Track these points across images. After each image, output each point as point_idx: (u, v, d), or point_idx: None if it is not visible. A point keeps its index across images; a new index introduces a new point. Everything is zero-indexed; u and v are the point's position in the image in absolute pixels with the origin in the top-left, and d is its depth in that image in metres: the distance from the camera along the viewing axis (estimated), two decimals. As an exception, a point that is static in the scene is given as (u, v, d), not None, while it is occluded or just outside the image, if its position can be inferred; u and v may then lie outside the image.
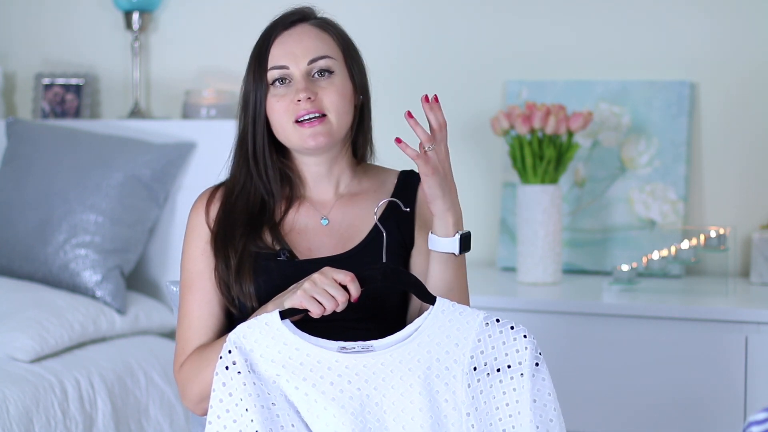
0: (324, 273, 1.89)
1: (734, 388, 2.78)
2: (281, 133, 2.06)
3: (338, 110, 2.05)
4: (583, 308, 2.92)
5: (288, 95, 2.04)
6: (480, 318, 1.88)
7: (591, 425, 2.89)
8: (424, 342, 1.87)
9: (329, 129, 2.04)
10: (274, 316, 1.87)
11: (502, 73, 3.44)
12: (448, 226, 1.98)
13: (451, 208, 1.97)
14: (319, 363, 1.85)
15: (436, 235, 1.98)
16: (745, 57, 3.26)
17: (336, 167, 2.11)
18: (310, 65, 2.05)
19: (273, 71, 2.05)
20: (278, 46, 2.06)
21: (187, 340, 2.05)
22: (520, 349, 1.87)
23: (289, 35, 2.07)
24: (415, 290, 1.92)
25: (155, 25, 3.70)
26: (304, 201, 2.10)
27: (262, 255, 2.03)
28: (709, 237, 3.04)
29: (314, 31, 2.08)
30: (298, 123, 2.03)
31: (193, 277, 2.06)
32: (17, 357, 2.93)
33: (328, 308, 1.88)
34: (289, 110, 2.03)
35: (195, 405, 2.02)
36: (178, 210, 3.47)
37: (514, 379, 1.86)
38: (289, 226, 2.08)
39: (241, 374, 1.83)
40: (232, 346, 1.85)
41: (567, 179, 3.33)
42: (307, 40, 2.06)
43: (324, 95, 2.04)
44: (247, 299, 2.02)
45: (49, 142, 3.43)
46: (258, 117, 2.07)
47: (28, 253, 3.30)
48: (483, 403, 1.85)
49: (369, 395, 1.84)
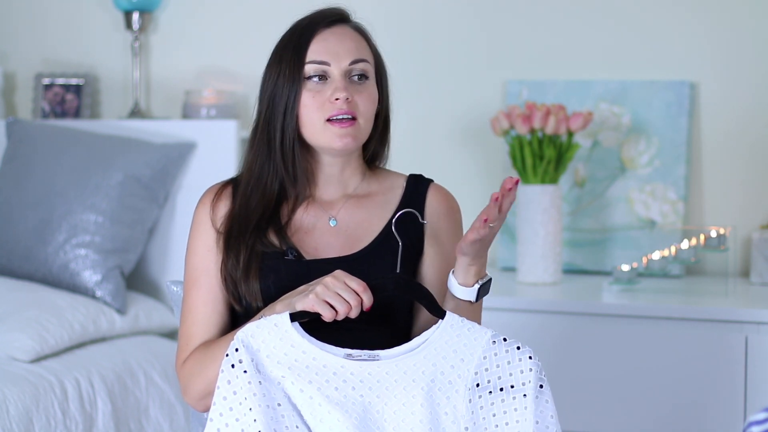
0: (337, 277, 1.89)
1: (734, 388, 2.78)
2: (309, 129, 2.04)
3: (368, 116, 2.05)
4: (583, 308, 2.92)
5: (324, 92, 2.02)
6: (488, 336, 1.88)
7: (591, 425, 2.89)
8: (431, 355, 1.87)
9: (357, 132, 2.03)
10: (284, 318, 1.86)
11: (502, 73, 3.44)
12: (469, 276, 1.95)
13: (479, 267, 1.95)
14: (324, 367, 1.85)
15: (456, 281, 1.96)
16: (745, 57, 3.26)
17: (348, 169, 2.10)
18: (351, 66, 2.04)
19: (311, 65, 2.03)
20: (319, 42, 2.04)
21: (191, 336, 2.04)
22: (524, 370, 1.86)
23: (331, 33, 2.05)
24: (425, 303, 1.92)
25: (155, 25, 3.70)
26: (312, 201, 2.10)
27: (269, 254, 2.02)
28: (709, 237, 3.04)
29: (354, 34, 2.08)
30: (329, 122, 2.02)
31: (198, 274, 2.05)
32: (17, 357, 2.93)
33: (341, 313, 1.87)
34: (324, 108, 2.02)
35: (197, 402, 2.01)
36: (178, 210, 3.47)
37: (516, 399, 1.86)
38: (296, 226, 2.07)
39: (247, 373, 1.83)
40: (239, 344, 1.84)
41: (567, 179, 3.33)
42: (349, 42, 2.05)
43: (359, 99, 2.03)
44: (253, 298, 2.01)
45: (49, 142, 3.43)
46: (289, 110, 2.03)
47: (28, 253, 3.30)
48: (482, 419, 1.85)
49: (371, 403, 1.84)
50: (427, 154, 3.46)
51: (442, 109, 3.48)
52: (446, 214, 2.11)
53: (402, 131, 3.53)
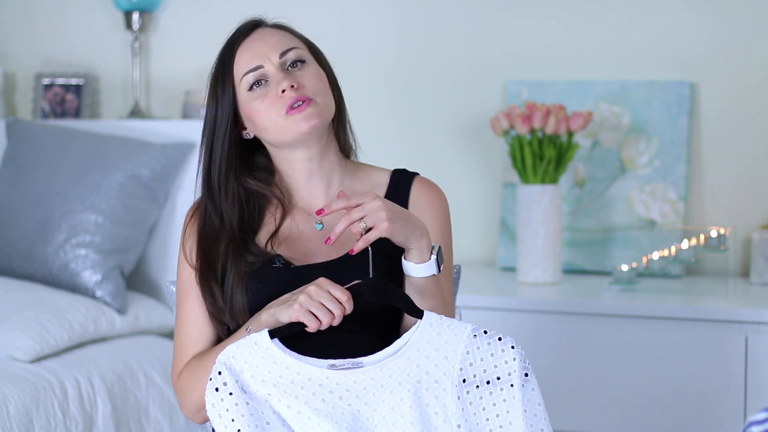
0: (320, 285, 1.88)
1: (734, 388, 2.79)
2: (273, 131, 2.04)
3: (322, 92, 2.05)
4: (583, 308, 2.92)
5: (270, 92, 2.03)
6: (468, 330, 1.88)
7: (591, 425, 2.89)
8: (414, 356, 1.87)
9: (319, 110, 2.03)
10: (263, 336, 1.86)
11: (502, 73, 3.44)
12: (423, 251, 1.93)
13: (423, 235, 1.93)
14: (309, 380, 1.84)
15: (413, 263, 1.93)
16: (745, 57, 3.26)
17: (326, 162, 2.10)
18: (282, 58, 2.05)
19: (248, 76, 2.05)
20: (243, 52, 2.06)
21: (184, 349, 2.04)
22: (508, 360, 1.86)
23: (251, 40, 2.08)
24: (402, 304, 1.91)
25: (155, 25, 3.70)
26: (297, 210, 2.10)
27: (256, 266, 2.02)
28: (709, 237, 3.04)
29: (275, 30, 2.10)
30: (288, 114, 2.02)
31: (188, 287, 2.06)
32: (17, 357, 2.93)
33: (325, 323, 1.86)
34: (276, 104, 2.02)
35: (194, 414, 2.02)
36: (178, 210, 3.47)
37: (503, 391, 1.86)
38: (284, 235, 2.07)
39: (233, 395, 1.82)
40: (222, 367, 1.84)
41: (567, 179, 3.33)
42: (271, 38, 2.07)
43: (304, 81, 2.04)
44: (240, 317, 2.00)
45: (49, 142, 3.43)
46: (216, 139, 2.08)
47: (28, 253, 3.30)
48: (473, 414, 1.85)
49: (360, 410, 1.84)
50: (427, 154, 3.46)
51: (442, 109, 3.48)
52: (429, 206, 2.10)
53: (402, 131, 3.54)
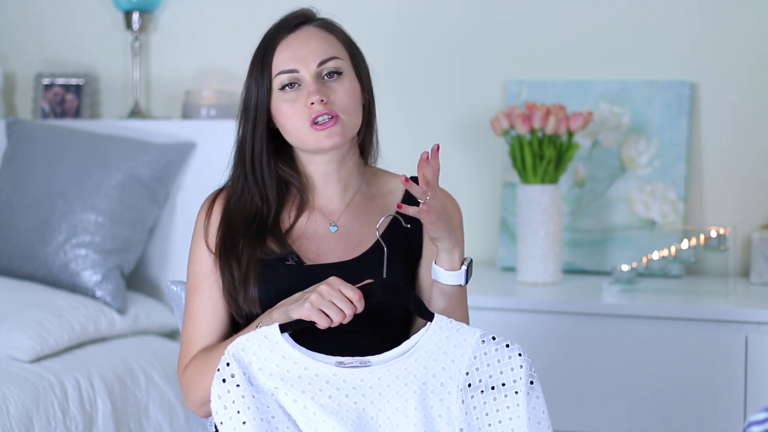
0: (331, 284, 1.89)
1: (734, 388, 2.78)
2: (295, 137, 2.05)
3: (349, 111, 2.04)
4: (583, 308, 2.92)
5: (300, 99, 2.02)
6: (477, 335, 1.89)
7: (591, 425, 2.89)
8: (422, 357, 1.87)
9: (343, 129, 2.03)
10: (273, 329, 1.87)
11: (502, 73, 3.44)
12: (455, 260, 1.98)
13: (457, 244, 1.97)
14: (317, 376, 1.85)
15: (443, 269, 1.98)
16: (745, 57, 3.26)
17: (344, 167, 2.10)
18: (320, 67, 2.03)
19: (282, 76, 2.03)
20: (284, 49, 2.04)
21: (192, 342, 2.05)
22: (515, 367, 1.87)
23: (295, 38, 2.05)
24: (413, 306, 1.92)
25: (155, 25, 3.70)
26: (313, 209, 2.10)
27: (269, 261, 2.03)
28: (709, 237, 3.04)
29: (320, 32, 2.06)
30: (314, 126, 2.02)
31: (199, 280, 2.06)
32: (17, 357, 2.93)
33: (335, 321, 1.88)
34: (303, 114, 2.02)
35: (198, 407, 2.02)
36: (178, 210, 3.47)
37: (508, 397, 1.87)
38: (298, 233, 2.08)
39: (240, 387, 1.83)
40: (230, 358, 1.85)
41: (567, 179, 3.33)
42: (314, 43, 2.04)
43: (335, 97, 2.03)
44: (252, 306, 2.02)
45: (49, 142, 3.43)
46: (258, 122, 2.06)
47: (28, 253, 3.30)
48: (475, 419, 1.86)
49: (365, 409, 1.84)
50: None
51: (442, 108, 3.48)
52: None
53: (402, 131, 3.54)
